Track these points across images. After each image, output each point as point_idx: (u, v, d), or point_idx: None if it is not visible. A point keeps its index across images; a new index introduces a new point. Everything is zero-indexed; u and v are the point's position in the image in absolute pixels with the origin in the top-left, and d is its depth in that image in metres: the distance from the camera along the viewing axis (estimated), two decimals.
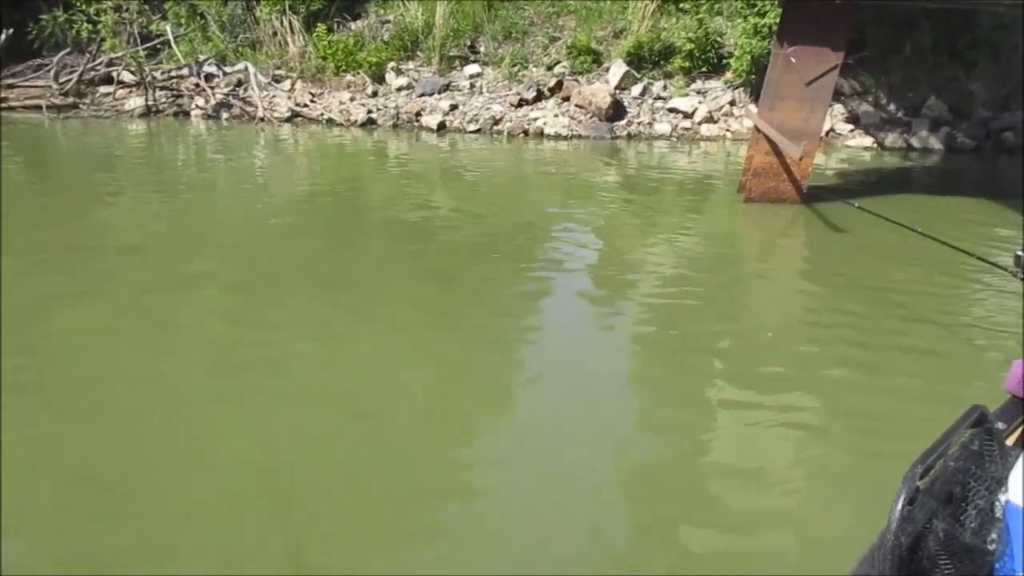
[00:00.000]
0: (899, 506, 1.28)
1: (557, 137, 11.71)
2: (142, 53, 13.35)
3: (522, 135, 11.81)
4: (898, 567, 1.27)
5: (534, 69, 12.91)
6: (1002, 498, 1.46)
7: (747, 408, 3.90)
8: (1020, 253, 2.40)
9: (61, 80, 13.26)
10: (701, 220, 7.95)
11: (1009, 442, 1.86)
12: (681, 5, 12.74)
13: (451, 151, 11.07)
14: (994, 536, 1.43)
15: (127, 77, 13.46)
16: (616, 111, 12.00)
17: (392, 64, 13.18)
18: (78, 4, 13.67)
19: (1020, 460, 1.49)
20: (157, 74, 13.34)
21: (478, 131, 11.96)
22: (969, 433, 1.52)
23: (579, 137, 11.70)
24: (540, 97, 12.42)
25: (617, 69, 12.35)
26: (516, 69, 12.85)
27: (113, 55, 13.51)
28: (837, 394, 3.99)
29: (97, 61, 13.54)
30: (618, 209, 8.18)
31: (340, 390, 3.93)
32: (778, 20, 10.40)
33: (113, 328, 4.59)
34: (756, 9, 11.38)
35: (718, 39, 12.30)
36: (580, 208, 8.16)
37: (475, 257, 6.24)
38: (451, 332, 4.69)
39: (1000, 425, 1.77)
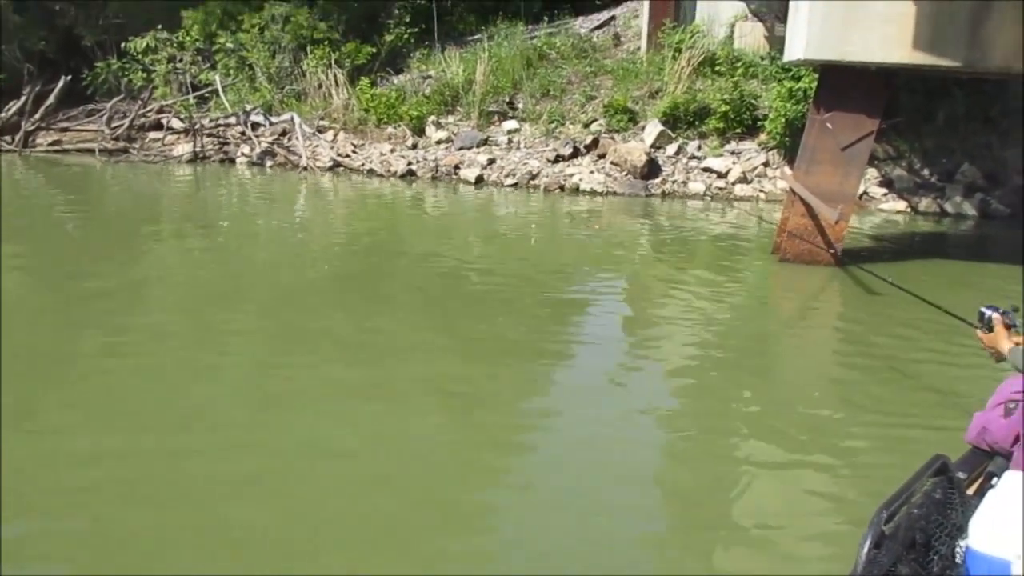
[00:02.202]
0: (865, 550, 1.35)
1: (592, 193, 11.92)
2: (192, 101, 13.84)
3: (558, 190, 12.04)
4: None
5: (571, 126, 13.20)
6: (962, 544, 1.56)
7: (770, 468, 3.94)
8: (983, 309, 2.52)
9: (113, 125, 13.74)
10: (736, 280, 8.03)
11: (969, 491, 1.98)
12: (717, 68, 13.04)
13: (488, 204, 11.30)
14: None
15: (176, 124, 13.94)
16: (651, 169, 12.21)
17: (432, 118, 13.54)
18: (133, 53, 14.23)
19: (979, 508, 1.57)
20: (205, 121, 13.79)
21: (515, 185, 12.21)
22: (932, 482, 1.63)
23: (614, 194, 11.90)
24: (576, 154, 12.68)
25: (652, 128, 12.61)
26: (553, 126, 13.16)
27: (164, 103, 14.02)
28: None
29: (148, 108, 14.05)
30: (652, 266, 8.31)
31: (358, 447, 3.95)
32: (813, 84, 10.65)
33: (135, 378, 4.63)
34: (791, 73, 11.63)
35: (753, 101, 12.56)
36: (614, 265, 8.29)
37: (504, 311, 6.28)
38: (476, 392, 4.70)
39: (961, 475, 1.89)
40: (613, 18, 16.21)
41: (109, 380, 4.60)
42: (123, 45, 14.58)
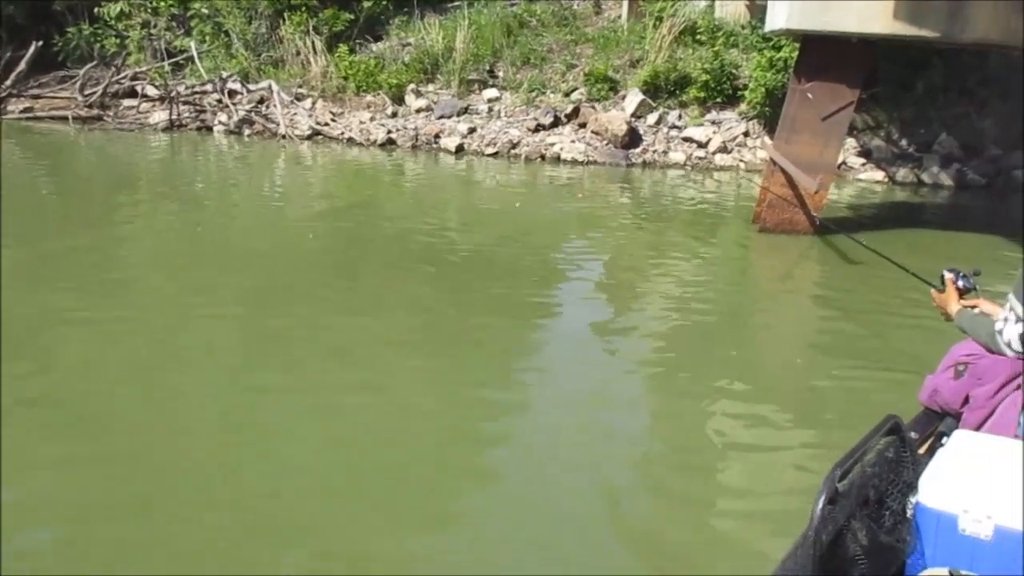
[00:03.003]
0: (820, 506, 1.40)
1: (573, 162, 11.90)
2: (167, 68, 13.61)
3: (539, 159, 12.00)
4: (819, 563, 1.39)
5: (551, 95, 13.12)
6: (913, 500, 1.62)
7: (750, 430, 4.02)
8: (945, 272, 2.56)
9: (86, 92, 13.49)
10: (717, 249, 8.09)
11: (921, 450, 2.06)
12: (697, 37, 12.97)
13: (469, 174, 11.25)
14: (906, 535, 1.60)
15: (151, 91, 13.71)
16: (632, 139, 12.19)
17: (412, 86, 13.40)
18: (106, 19, 13.94)
19: (929, 466, 1.63)
20: (181, 89, 13.57)
21: (495, 154, 12.15)
22: (884, 441, 1.67)
23: (595, 163, 11.88)
24: (557, 123, 12.62)
25: (633, 97, 12.56)
26: (534, 95, 13.07)
27: (138, 69, 13.77)
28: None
29: (122, 75, 13.79)
30: (633, 235, 8.32)
31: (340, 422, 3.96)
32: (793, 54, 10.64)
33: (118, 346, 4.60)
34: (771, 43, 11.60)
35: (733, 71, 12.52)
36: (595, 234, 8.30)
37: (486, 279, 6.34)
38: (457, 358, 4.75)
39: (913, 434, 1.97)
40: None
41: (79, 348, 4.56)
42: (95, 10, 14.26)
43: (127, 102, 13.68)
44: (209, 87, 13.56)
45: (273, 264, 6.58)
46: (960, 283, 2.49)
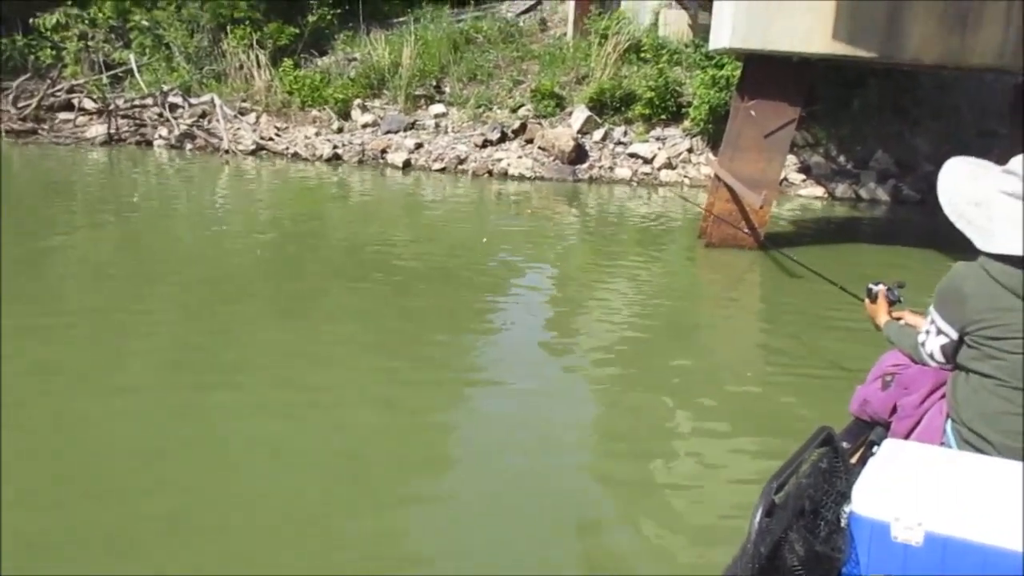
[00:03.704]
0: (757, 519, 1.41)
1: (521, 178, 11.93)
2: (105, 81, 13.28)
3: (487, 175, 12.01)
4: (758, 574, 1.39)
5: (498, 111, 13.17)
6: (847, 509, 1.64)
7: (696, 440, 4.05)
8: (870, 285, 2.65)
9: (20, 105, 13.07)
10: (664, 264, 8.17)
11: (852, 460, 2.11)
12: (642, 54, 13.18)
13: (417, 189, 11.19)
14: (841, 544, 1.62)
15: (88, 104, 13.35)
16: (578, 155, 12.29)
17: (358, 101, 13.32)
18: (41, 30, 13.56)
19: (861, 475, 1.67)
20: (119, 102, 13.24)
21: (443, 170, 12.12)
22: (818, 452, 1.70)
23: (542, 179, 11.94)
24: (504, 138, 12.66)
25: (580, 114, 12.68)
26: (481, 110, 13.10)
27: (74, 82, 13.40)
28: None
29: (57, 87, 13.40)
30: (581, 250, 8.37)
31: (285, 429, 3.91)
32: (735, 72, 10.88)
33: (59, 359, 4.49)
34: (714, 61, 11.85)
35: (677, 88, 12.74)
36: (543, 248, 8.31)
37: (434, 290, 6.32)
38: (399, 375, 4.67)
39: (845, 444, 2.00)
40: (539, 3, 16.22)
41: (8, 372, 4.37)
42: (30, 21, 13.86)
43: (63, 115, 13.29)
44: (149, 101, 13.27)
45: (215, 276, 6.44)
46: (888, 296, 2.56)
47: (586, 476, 3.70)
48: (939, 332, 2.03)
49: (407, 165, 12.19)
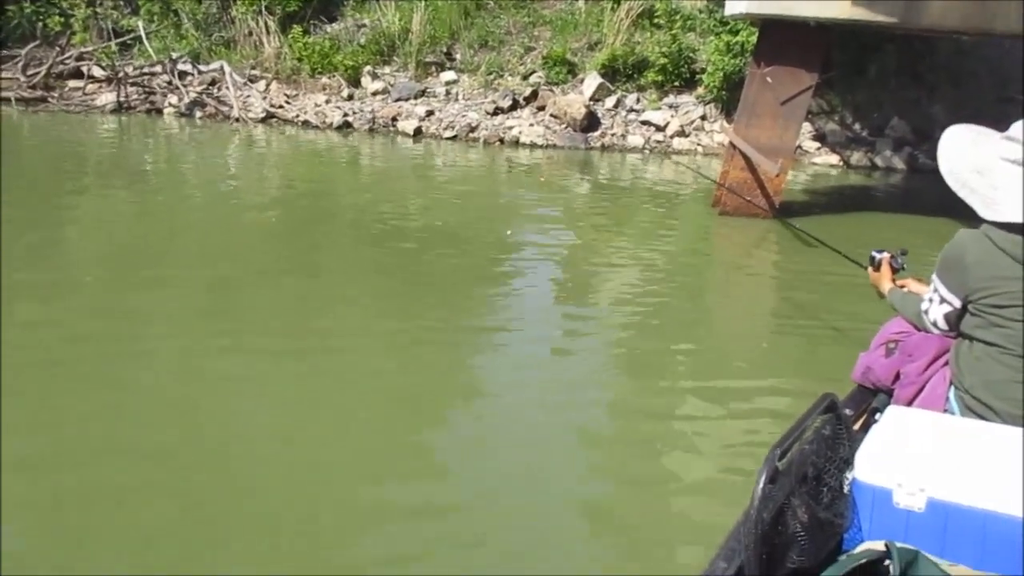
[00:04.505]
0: (761, 486, 1.41)
1: (532, 146, 11.85)
2: (114, 48, 13.20)
3: (498, 143, 11.93)
4: (761, 541, 1.41)
5: (509, 78, 13.03)
6: (849, 476, 1.64)
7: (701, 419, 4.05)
8: (873, 253, 2.62)
9: (29, 73, 13.03)
10: (678, 232, 8.10)
11: (855, 427, 2.12)
12: (655, 20, 12.97)
13: (428, 157, 11.14)
14: (843, 510, 1.62)
15: (97, 72, 13.29)
16: (590, 122, 12.17)
17: (368, 68, 13.20)
18: None
19: (864, 442, 1.66)
20: (129, 70, 13.18)
21: (454, 138, 12.04)
22: (821, 419, 1.69)
23: (553, 147, 11.85)
24: (515, 106, 12.55)
25: (591, 81, 12.53)
26: (492, 77, 12.97)
27: (83, 49, 13.33)
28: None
29: (66, 55, 13.33)
30: (594, 218, 8.31)
31: (300, 396, 3.94)
32: (750, 38, 10.72)
33: (74, 330, 4.49)
34: (728, 27, 11.66)
35: (691, 55, 12.56)
36: (556, 216, 8.27)
37: (448, 257, 6.34)
38: (409, 342, 4.71)
39: (848, 412, 1.99)
40: None
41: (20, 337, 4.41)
42: None
43: (73, 83, 13.22)
44: (158, 68, 13.19)
45: (230, 243, 6.47)
46: (892, 263, 2.54)
47: (593, 435, 3.74)
48: (942, 300, 2.02)
49: (418, 133, 12.12)
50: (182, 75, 13.11)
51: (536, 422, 3.78)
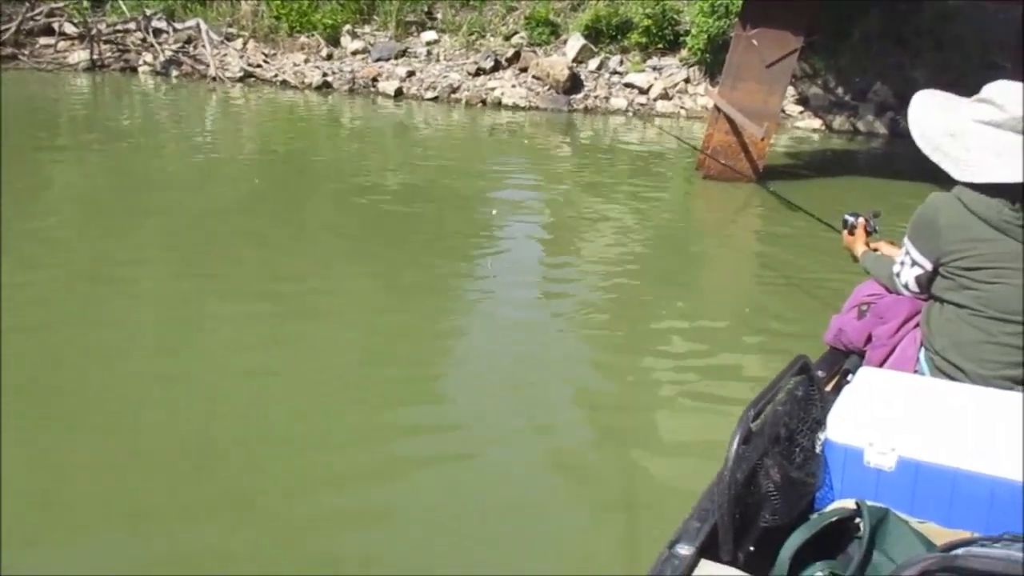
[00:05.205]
0: (734, 447, 1.43)
1: (515, 108, 11.73)
2: (85, 4, 12.87)
3: (480, 104, 11.80)
4: (734, 501, 1.43)
5: (491, 38, 12.86)
6: (821, 436, 1.67)
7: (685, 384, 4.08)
8: (847, 216, 2.63)
9: None
10: (662, 196, 8.08)
11: (828, 388, 2.15)
12: None
13: (409, 119, 11.00)
14: (815, 470, 1.65)
15: (69, 29, 12.96)
16: (573, 84, 12.06)
17: (347, 27, 12.97)
18: None
19: (836, 403, 1.69)
20: (102, 27, 12.87)
21: (435, 99, 11.90)
22: (794, 381, 1.71)
23: (536, 109, 11.74)
24: (498, 67, 12.40)
25: (575, 42, 12.39)
26: (473, 38, 12.79)
27: (54, 5, 12.98)
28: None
29: (36, 11, 12.98)
30: (578, 181, 8.26)
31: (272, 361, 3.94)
32: (736, 0, 10.60)
33: (46, 294, 4.44)
34: None
35: (675, 16, 12.43)
36: (539, 179, 8.22)
37: (429, 220, 6.31)
38: (392, 306, 4.71)
39: (820, 373, 2.01)
40: None
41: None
42: None
43: (44, 40, 12.91)
44: (132, 25, 12.89)
45: (210, 203, 6.40)
46: (866, 226, 2.56)
47: (568, 396, 3.74)
48: (914, 263, 2.04)
49: (399, 94, 11.96)
50: (157, 32, 12.82)
51: (509, 380, 3.80)
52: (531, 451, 3.24)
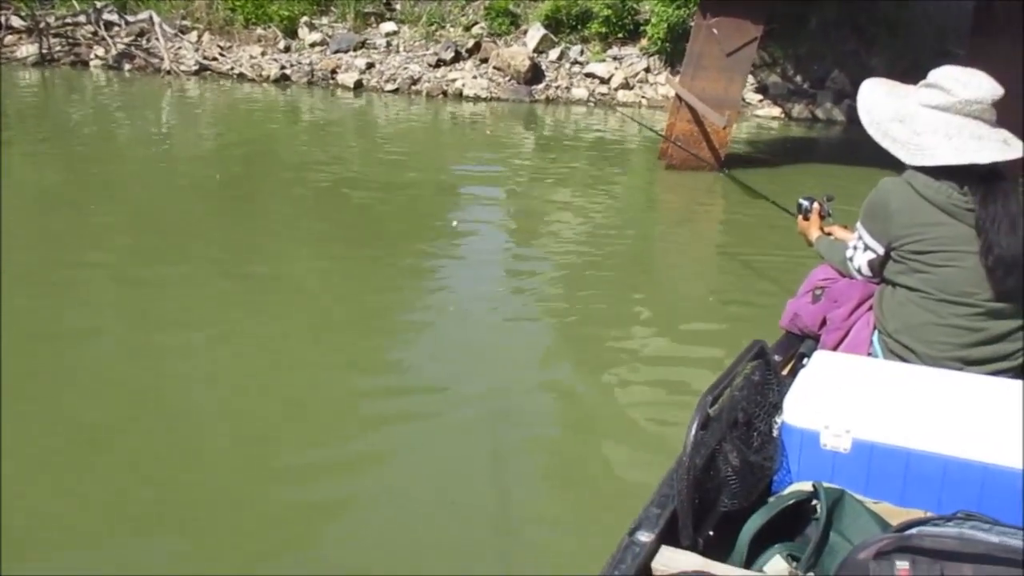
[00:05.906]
0: (693, 432, 1.43)
1: (476, 99, 11.68)
2: None
3: (441, 96, 11.73)
4: (693, 485, 1.44)
5: (451, 29, 12.78)
6: (778, 420, 1.68)
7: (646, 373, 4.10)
8: (801, 200, 2.67)
9: None
10: (624, 185, 8.12)
11: (784, 372, 2.17)
12: None
13: (369, 111, 10.90)
14: (773, 454, 1.66)
15: (16, 22, 12.60)
16: (534, 74, 12.04)
17: (305, 19, 12.80)
18: None
19: (792, 387, 1.70)
20: (50, 20, 12.53)
21: (396, 91, 11.80)
22: (751, 366, 1.73)
23: (498, 99, 11.71)
24: (458, 58, 12.33)
25: (535, 32, 12.37)
26: (433, 28, 12.70)
27: None
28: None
29: None
30: (542, 172, 8.24)
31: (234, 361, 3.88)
32: None
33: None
34: None
35: (635, 6, 12.46)
36: (501, 170, 8.19)
37: (390, 213, 6.25)
38: (347, 299, 4.68)
39: (776, 357, 2.03)
40: None
41: None
42: None
43: None
44: (82, 18, 12.57)
45: (166, 196, 6.27)
46: (820, 211, 2.58)
47: (528, 384, 3.71)
48: (866, 248, 2.07)
49: (359, 86, 11.83)
50: (108, 25, 12.52)
51: (465, 369, 3.78)
52: (487, 440, 3.21)
